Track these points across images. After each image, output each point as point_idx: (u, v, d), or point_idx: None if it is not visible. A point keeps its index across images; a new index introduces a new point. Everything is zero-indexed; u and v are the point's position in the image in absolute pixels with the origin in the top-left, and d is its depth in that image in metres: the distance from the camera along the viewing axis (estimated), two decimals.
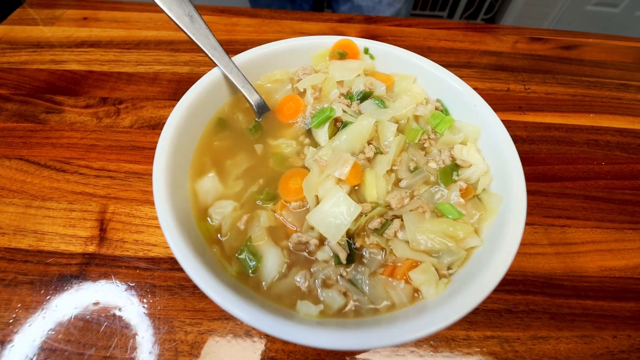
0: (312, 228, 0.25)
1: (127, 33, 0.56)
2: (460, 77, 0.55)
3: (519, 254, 0.36)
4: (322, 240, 0.25)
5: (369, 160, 0.29)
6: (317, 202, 0.26)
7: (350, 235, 0.26)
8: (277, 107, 0.35)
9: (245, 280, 0.24)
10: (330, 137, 0.31)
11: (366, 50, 0.38)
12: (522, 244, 0.37)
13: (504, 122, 0.49)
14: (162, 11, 0.33)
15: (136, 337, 0.29)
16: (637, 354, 0.31)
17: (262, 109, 0.34)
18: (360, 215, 0.25)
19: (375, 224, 0.26)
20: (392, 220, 0.26)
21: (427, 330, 0.19)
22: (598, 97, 0.54)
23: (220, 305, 0.20)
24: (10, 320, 0.30)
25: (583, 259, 0.36)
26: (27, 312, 0.31)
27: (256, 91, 0.34)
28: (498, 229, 0.25)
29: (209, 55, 0.33)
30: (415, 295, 0.24)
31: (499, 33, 0.62)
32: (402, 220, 0.26)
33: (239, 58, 0.35)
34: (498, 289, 0.34)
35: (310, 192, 0.26)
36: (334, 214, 0.24)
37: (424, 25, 0.62)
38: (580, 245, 0.37)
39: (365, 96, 0.34)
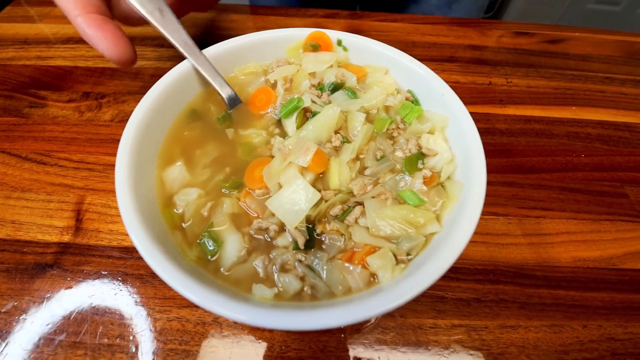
0: (273, 215, 0.26)
1: None
2: (443, 70, 0.55)
3: (491, 244, 0.36)
4: (282, 227, 0.26)
5: (336, 149, 0.30)
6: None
7: (311, 222, 0.26)
8: (249, 99, 0.35)
9: (205, 265, 0.25)
10: (298, 127, 0.31)
11: (339, 42, 0.39)
12: (495, 234, 0.37)
13: (484, 115, 0.49)
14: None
15: (106, 323, 0.30)
16: (607, 344, 0.31)
17: (234, 101, 0.34)
18: (321, 201, 0.26)
19: (337, 210, 0.26)
20: (354, 207, 0.26)
21: (379, 310, 0.20)
22: (581, 90, 0.54)
23: (172, 287, 0.20)
24: None
25: (557, 249, 0.37)
26: (1, 299, 0.31)
27: (228, 84, 0.34)
28: (457, 215, 0.25)
29: (180, 49, 0.33)
30: (372, 279, 0.24)
31: (484, 28, 0.62)
32: (364, 207, 0.26)
33: (211, 50, 0.35)
34: (468, 279, 0.34)
35: (272, 179, 0.26)
36: (293, 201, 0.25)
37: (409, 21, 0.62)
38: (554, 236, 0.37)
39: (336, 87, 0.34)
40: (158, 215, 0.26)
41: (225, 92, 0.34)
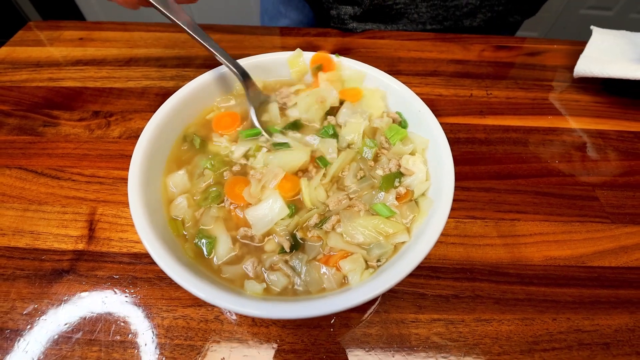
0: None
1: (118, 51, 0.61)
2: (426, 84, 0.59)
3: (469, 245, 0.40)
4: (266, 234, 0.30)
5: (308, 176, 0.34)
6: None
7: (295, 229, 0.30)
8: (214, 119, 0.39)
9: (203, 262, 0.28)
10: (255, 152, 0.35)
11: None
12: (473, 236, 0.40)
13: (465, 125, 0.53)
14: (155, 25, 0.38)
15: (118, 322, 0.33)
16: (575, 335, 0.34)
17: (245, 75, 0.39)
18: (293, 215, 0.30)
19: (314, 219, 0.30)
20: (330, 216, 0.30)
21: (348, 304, 0.23)
22: (557, 100, 0.57)
23: (182, 285, 0.24)
24: (7, 310, 0.34)
25: (530, 249, 0.40)
26: (23, 302, 0.34)
27: (232, 59, 0.39)
28: (425, 228, 0.28)
29: (193, 35, 0.37)
30: (344, 281, 0.28)
31: (466, 42, 0.66)
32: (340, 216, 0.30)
33: (214, 72, 0.39)
34: (447, 277, 0.37)
35: (252, 199, 0.31)
36: (265, 214, 0.29)
37: (396, 37, 0.66)
38: (527, 237, 0.41)
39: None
40: (163, 217, 0.30)
41: (237, 68, 0.38)
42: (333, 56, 0.42)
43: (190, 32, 0.37)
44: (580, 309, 0.36)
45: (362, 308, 0.35)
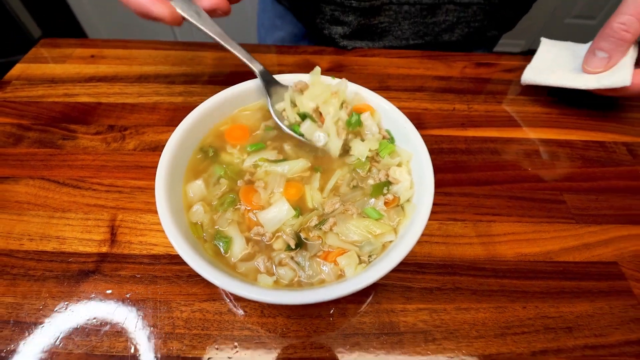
0: None
1: (129, 69, 0.66)
2: (414, 99, 0.65)
3: (450, 244, 0.45)
4: (275, 233, 0.35)
5: (306, 178, 0.39)
6: None
7: (299, 230, 0.35)
8: (226, 131, 0.44)
9: (221, 259, 0.33)
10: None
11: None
12: (454, 236, 0.46)
13: (448, 137, 0.59)
14: (162, 43, 0.43)
15: (142, 315, 0.37)
16: (542, 321, 0.40)
17: (266, 75, 0.44)
18: (299, 216, 0.35)
19: (314, 221, 0.35)
20: (328, 219, 0.35)
21: (345, 291, 0.28)
22: (530, 112, 0.63)
23: (207, 278, 0.28)
24: (40, 307, 0.38)
25: (504, 247, 0.45)
26: (54, 300, 0.38)
27: (257, 61, 0.45)
28: (407, 230, 0.33)
29: (218, 39, 0.43)
30: (341, 273, 0.33)
31: (449, 60, 0.72)
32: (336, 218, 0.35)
33: (219, 96, 0.44)
34: (431, 272, 0.42)
35: (263, 203, 0.36)
36: (275, 215, 0.35)
37: (385, 55, 0.72)
38: (502, 236, 0.46)
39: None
40: (184, 221, 0.34)
41: (256, 67, 0.44)
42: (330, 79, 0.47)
43: (219, 40, 0.44)
44: (547, 298, 0.41)
45: (357, 300, 0.39)
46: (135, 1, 0.41)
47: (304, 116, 0.42)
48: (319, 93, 0.42)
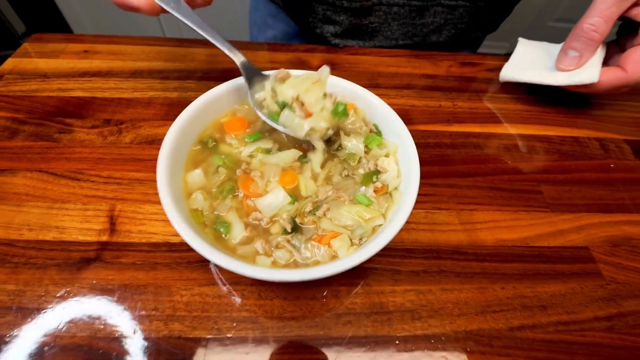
0: None
1: (123, 64, 0.66)
2: (402, 96, 0.68)
3: (436, 231, 0.48)
4: (271, 218, 0.37)
5: (299, 167, 0.42)
6: None
7: (295, 215, 0.38)
8: (225, 123, 0.46)
9: (221, 244, 0.35)
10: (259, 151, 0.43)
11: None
12: (439, 223, 0.48)
13: (434, 132, 0.62)
14: (155, 39, 0.43)
15: (143, 300, 0.39)
16: (519, 300, 0.43)
17: (248, 68, 0.45)
18: (294, 202, 0.38)
19: (309, 207, 0.37)
20: (322, 205, 0.37)
21: (338, 269, 0.31)
22: (512, 109, 0.67)
23: (208, 258, 0.30)
24: (43, 293, 0.39)
25: (485, 233, 0.48)
26: (55, 286, 0.40)
27: (239, 52, 0.45)
28: (395, 215, 0.36)
29: (198, 29, 0.43)
30: (334, 254, 0.35)
31: (436, 59, 0.76)
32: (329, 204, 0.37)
33: (216, 90, 0.45)
34: (418, 257, 0.45)
35: (260, 191, 0.39)
36: (271, 201, 0.37)
37: (376, 54, 0.75)
38: (483, 224, 0.49)
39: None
40: (185, 208, 0.36)
41: (237, 58, 0.44)
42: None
43: (198, 30, 0.44)
44: (523, 279, 0.44)
45: (349, 283, 0.42)
46: None
47: (283, 106, 0.41)
48: (300, 82, 0.40)
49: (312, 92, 0.40)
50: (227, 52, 0.45)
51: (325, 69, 0.41)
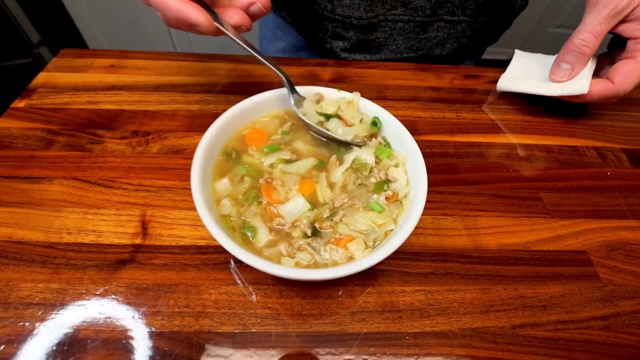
0: None
1: (147, 78, 0.71)
2: (408, 108, 0.72)
3: (442, 235, 0.51)
4: (294, 223, 0.41)
5: (315, 176, 0.46)
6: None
7: (314, 221, 0.42)
8: (246, 135, 0.50)
9: (249, 247, 0.39)
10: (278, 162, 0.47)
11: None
12: (445, 229, 0.52)
13: (439, 142, 0.66)
14: (176, 55, 0.48)
15: (175, 298, 0.43)
16: (520, 300, 0.46)
17: (290, 84, 0.50)
18: (313, 209, 0.42)
19: (327, 213, 0.41)
20: (338, 211, 0.41)
21: (355, 269, 0.34)
22: (512, 120, 0.71)
23: (242, 259, 0.34)
24: (84, 291, 0.43)
25: (488, 238, 0.52)
26: (95, 285, 0.44)
27: (284, 71, 0.50)
28: (405, 221, 0.39)
29: (252, 52, 0.48)
30: (350, 256, 0.39)
31: (440, 72, 0.79)
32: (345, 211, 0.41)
33: (238, 107, 0.49)
34: (426, 260, 0.48)
35: (282, 198, 0.43)
36: (292, 208, 0.41)
37: (382, 67, 0.79)
38: (487, 229, 0.53)
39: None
40: (215, 214, 0.40)
41: (283, 76, 0.50)
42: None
43: (252, 53, 0.49)
44: (525, 281, 0.48)
45: (362, 284, 0.45)
46: (172, 7, 0.40)
47: (327, 117, 0.49)
48: (336, 102, 0.49)
49: (349, 109, 0.50)
50: (275, 70, 0.51)
51: (357, 94, 0.51)
